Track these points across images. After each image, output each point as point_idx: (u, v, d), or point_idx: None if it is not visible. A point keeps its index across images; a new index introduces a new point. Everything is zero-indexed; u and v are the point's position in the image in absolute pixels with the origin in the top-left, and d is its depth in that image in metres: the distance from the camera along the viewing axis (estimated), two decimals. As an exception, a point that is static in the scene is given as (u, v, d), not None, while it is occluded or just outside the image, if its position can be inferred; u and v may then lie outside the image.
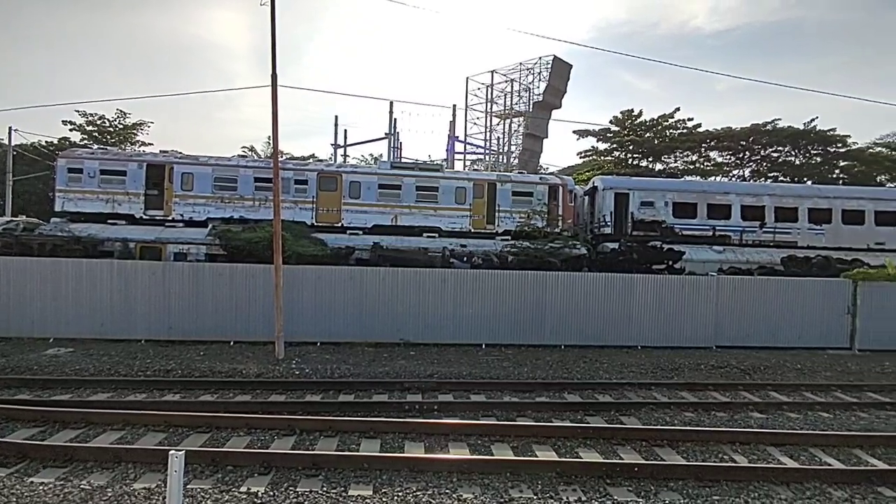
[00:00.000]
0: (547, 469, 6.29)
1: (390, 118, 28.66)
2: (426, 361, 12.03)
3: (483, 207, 18.37)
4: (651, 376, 11.35)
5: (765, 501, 5.71)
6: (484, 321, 13.86)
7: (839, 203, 19.70)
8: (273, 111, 12.23)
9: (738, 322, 14.44)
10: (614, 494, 5.79)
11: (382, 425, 7.62)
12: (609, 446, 7.27)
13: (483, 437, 7.40)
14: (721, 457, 7.03)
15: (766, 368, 12.28)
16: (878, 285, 14.91)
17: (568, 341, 13.97)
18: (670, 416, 8.70)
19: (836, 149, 34.34)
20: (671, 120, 36.51)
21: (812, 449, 7.35)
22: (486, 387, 10.18)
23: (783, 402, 9.61)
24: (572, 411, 8.79)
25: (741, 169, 36.31)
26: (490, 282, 13.99)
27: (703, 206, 19.16)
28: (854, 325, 14.68)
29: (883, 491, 6.07)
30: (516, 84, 33.91)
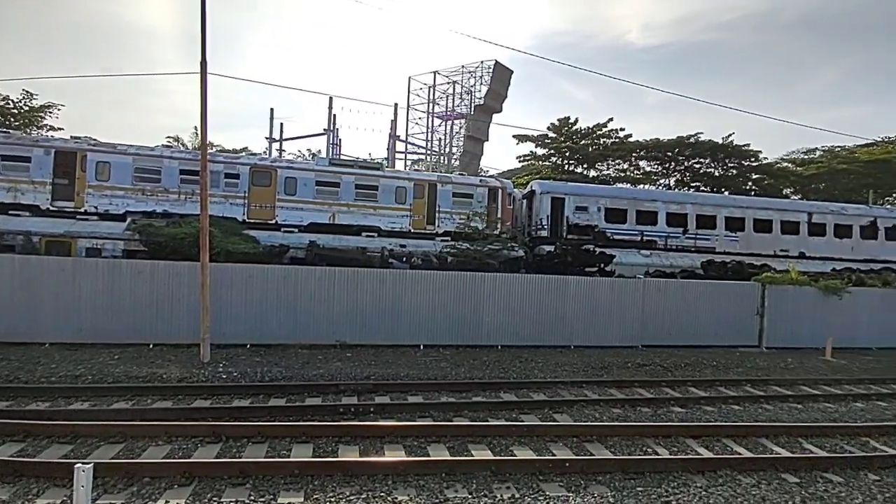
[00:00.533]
0: (482, 468, 6.33)
1: (329, 114, 28.03)
2: (363, 363, 11.80)
3: (423, 208, 18.33)
4: (582, 375, 11.76)
5: (683, 490, 6.03)
6: (423, 322, 13.80)
7: (751, 213, 21.44)
8: (202, 100, 11.54)
9: (661, 322, 15.26)
10: (546, 490, 5.92)
11: (315, 429, 7.37)
12: (542, 443, 7.42)
13: (419, 438, 7.34)
14: (645, 450, 7.39)
15: (686, 366, 13.08)
16: (783, 289, 16.32)
17: (505, 341, 14.19)
18: (600, 413, 9.04)
19: (749, 162, 37.33)
20: (605, 129, 38.17)
21: (725, 440, 7.88)
22: (424, 388, 10.12)
23: (701, 397, 10.26)
24: (508, 410, 8.92)
25: (667, 178, 38.61)
26: (429, 282, 13.95)
27: (633, 213, 20.19)
28: (762, 325, 15.96)
29: (786, 477, 6.60)
30: (458, 86, 34.23)
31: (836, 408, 10.13)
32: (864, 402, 10.69)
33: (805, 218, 21.94)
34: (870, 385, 12.15)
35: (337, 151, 29.17)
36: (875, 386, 12.10)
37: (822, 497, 6.01)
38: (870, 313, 16.93)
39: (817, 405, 10.27)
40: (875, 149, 38.54)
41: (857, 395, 11.06)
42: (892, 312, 17.20)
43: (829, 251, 21.73)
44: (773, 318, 15.93)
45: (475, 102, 34.03)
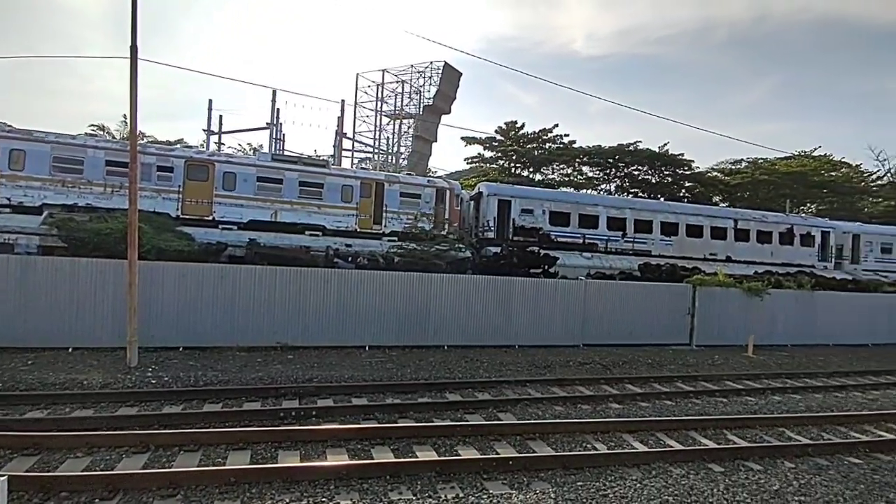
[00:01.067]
0: (427, 469, 6.30)
1: (273, 107, 27.06)
2: (305, 365, 11.46)
3: (370, 207, 18.06)
4: (526, 374, 11.98)
5: (619, 483, 6.25)
6: (368, 322, 13.59)
7: (684, 219, 22.68)
8: (132, 87, 10.80)
9: (602, 322, 15.84)
10: (490, 489, 5.97)
11: (253, 435, 7.08)
12: (487, 442, 7.49)
13: (363, 441, 7.22)
14: (585, 445, 7.61)
15: (624, 363, 13.63)
16: (711, 290, 17.37)
17: (451, 342, 14.23)
18: (542, 411, 9.23)
19: (683, 171, 39.57)
20: (550, 134, 39.30)
21: (658, 434, 8.26)
22: (369, 389, 9.96)
23: (637, 394, 10.71)
24: (453, 410, 8.94)
25: (608, 184, 40.23)
26: (375, 283, 13.76)
27: (576, 216, 20.83)
28: (692, 324, 16.92)
29: (712, 467, 7.00)
30: (407, 86, 34.01)
31: (756, 401, 10.87)
32: (781, 395, 11.55)
33: (732, 224, 23.48)
34: (785, 379, 13.14)
35: (280, 147, 28.22)
36: (790, 380, 13.10)
37: (744, 484, 6.41)
38: (786, 313, 18.36)
39: (740, 399, 10.98)
40: (792, 161, 41.96)
41: (775, 388, 11.95)
42: (804, 312, 18.74)
43: (752, 255, 23.36)
44: (702, 318, 16.92)
45: (424, 103, 33.92)
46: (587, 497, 5.82)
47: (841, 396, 11.69)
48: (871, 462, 7.50)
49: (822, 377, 13.61)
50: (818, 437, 8.63)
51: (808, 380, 13.22)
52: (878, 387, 12.88)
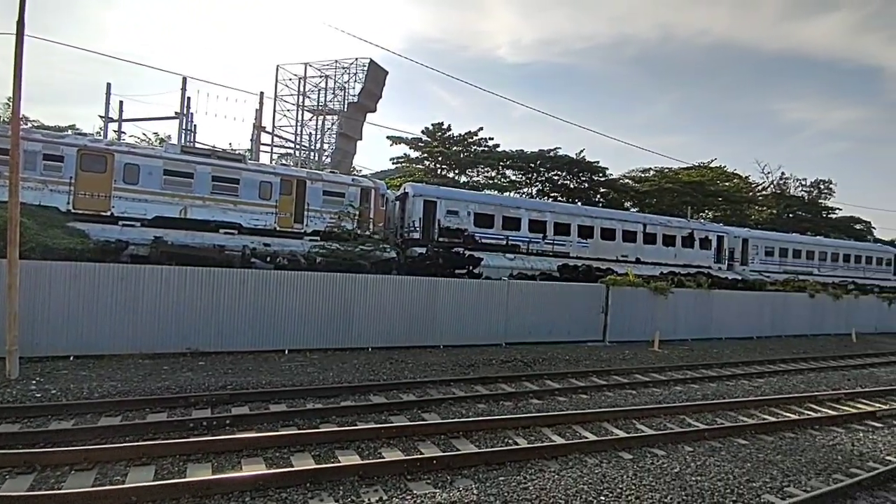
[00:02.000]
0: (349, 473, 6.15)
1: (183, 96, 25.16)
2: (218, 372, 10.77)
3: (291, 205, 17.35)
4: (451, 373, 12.07)
5: (539, 475, 6.46)
6: (288, 325, 13.03)
7: (599, 222, 24.05)
8: (16, 66, 9.61)
9: (523, 321, 16.33)
10: (414, 489, 5.94)
11: (159, 449, 6.53)
12: (411, 443, 7.45)
13: (282, 448, 6.92)
14: (507, 441, 7.79)
15: (544, 360, 14.14)
16: (623, 289, 18.50)
17: (375, 343, 14.02)
18: (466, 409, 9.33)
19: (598, 177, 41.95)
20: (475, 137, 40.10)
21: (574, 426, 8.65)
22: (288, 395, 9.54)
23: (555, 389, 11.16)
24: (377, 412, 8.80)
25: (530, 187, 41.72)
26: (296, 283, 13.23)
27: (500, 218, 21.38)
28: (606, 322, 17.93)
29: (623, 454, 7.44)
30: (331, 81, 33.04)
31: (661, 391, 11.72)
32: (682, 385, 12.54)
33: (641, 228, 25.26)
34: (686, 371, 14.30)
35: (191, 139, 26.34)
36: (690, 371, 14.27)
37: (650, 469, 6.87)
38: (686, 310, 19.99)
39: (647, 390, 11.78)
40: (693, 172, 45.99)
41: (677, 379, 12.96)
42: (702, 309, 20.51)
43: (658, 257, 25.28)
44: (615, 316, 17.98)
45: (349, 99, 33.13)
46: (509, 491, 5.95)
47: (732, 385, 12.91)
48: (756, 442, 8.34)
49: (717, 368, 14.98)
50: (713, 422, 9.45)
51: (705, 370, 14.48)
52: (762, 375, 14.39)
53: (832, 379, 14.25)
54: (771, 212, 49.02)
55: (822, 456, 7.84)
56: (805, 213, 50.35)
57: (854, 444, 8.56)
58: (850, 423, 9.85)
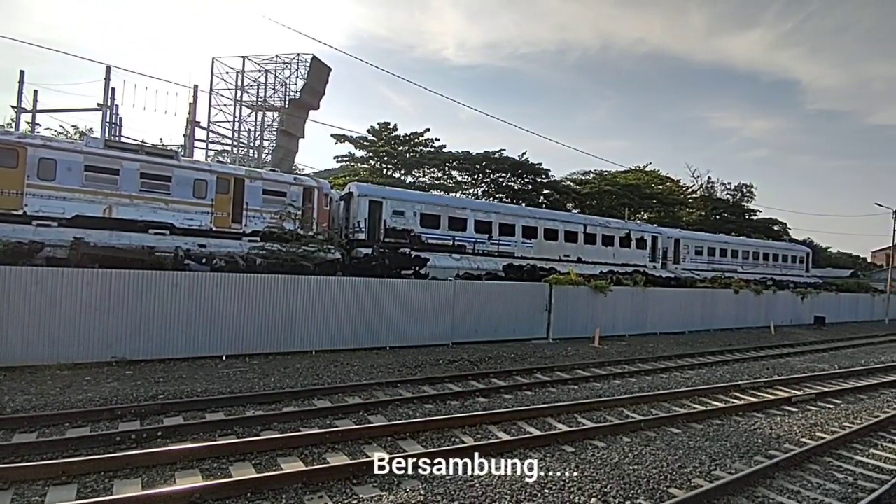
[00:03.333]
0: (293, 481, 5.95)
1: (106, 86, 23.46)
2: (149, 381, 10.12)
3: (228, 204, 16.55)
4: (398, 375, 11.96)
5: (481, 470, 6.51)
6: (225, 329, 12.44)
7: (543, 223, 24.67)
8: None
9: (469, 320, 16.45)
10: (360, 493, 5.84)
11: (80, 466, 6.05)
12: (357, 447, 7.32)
13: (220, 458, 6.59)
14: (453, 440, 7.81)
15: (490, 359, 14.31)
16: (565, 288, 19.05)
17: (320, 346, 13.66)
18: (413, 410, 9.27)
19: (541, 179, 43.09)
20: (422, 137, 40.12)
21: (519, 422, 8.79)
22: (226, 403, 9.10)
23: (501, 387, 11.30)
24: (322, 417, 8.58)
25: (476, 188, 42.25)
26: (234, 286, 12.65)
27: (446, 219, 21.46)
28: (550, 319, 18.40)
29: (565, 448, 7.64)
30: (271, 76, 31.90)
31: (601, 385, 12.16)
32: (620, 379, 13.06)
33: (582, 229, 26.16)
34: (624, 365, 14.90)
35: (116, 132, 24.62)
36: (627, 366, 14.89)
37: (591, 461, 7.09)
38: (624, 307, 20.88)
39: (588, 385, 12.19)
40: (629, 175, 48.24)
41: (616, 374, 13.49)
42: (638, 306, 21.48)
43: (598, 257, 26.27)
44: (558, 314, 18.48)
45: (290, 96, 32.11)
46: (455, 489, 5.96)
47: (666, 377, 13.60)
48: (687, 431, 8.81)
49: (652, 361, 15.73)
50: (649, 413, 9.90)
51: (642, 364, 15.17)
52: (693, 367, 15.26)
53: (754, 368, 15.32)
54: (700, 213, 52.25)
55: (745, 440, 8.39)
56: (730, 214, 54.05)
57: (772, 428, 9.23)
58: (769, 408, 10.62)
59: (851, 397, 12.00)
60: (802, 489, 6.64)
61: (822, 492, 6.59)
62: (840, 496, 6.46)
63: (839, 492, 6.61)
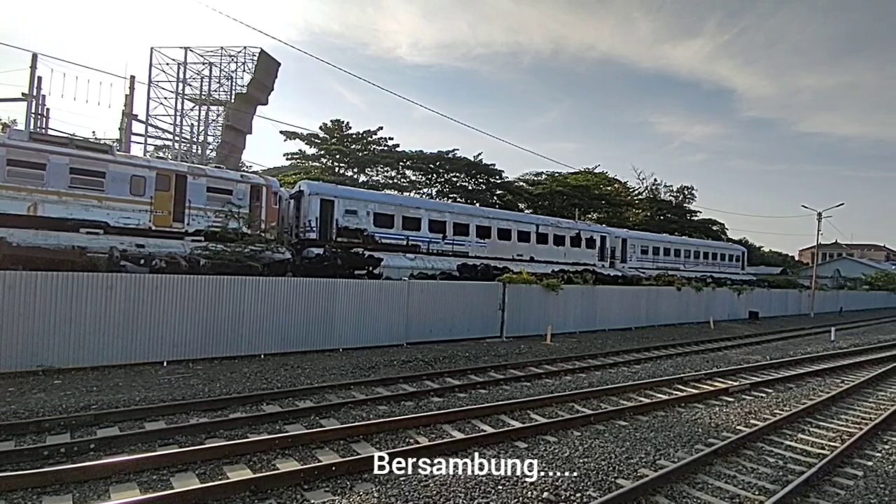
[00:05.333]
0: (240, 489, 5.74)
1: (32, 75, 21.74)
2: (80, 390, 9.47)
3: (169, 202, 15.70)
4: (351, 376, 11.75)
5: (436, 469, 6.50)
6: (166, 334, 11.82)
7: (496, 223, 24.94)
8: None
9: (424, 320, 16.40)
10: (311, 498, 5.72)
11: (3, 482, 5.61)
12: (309, 451, 7.14)
13: (160, 470, 6.26)
14: (408, 441, 7.74)
15: (444, 358, 14.32)
16: (518, 287, 19.35)
17: (269, 350, 13.22)
18: (366, 412, 9.13)
19: (494, 180, 43.62)
20: (375, 136, 39.68)
21: (474, 420, 8.84)
22: (167, 410, 8.65)
23: (455, 386, 11.33)
24: (271, 423, 8.31)
25: (430, 188, 42.25)
26: (176, 288, 12.03)
27: (400, 218, 21.30)
28: (503, 318, 18.63)
29: (518, 444, 7.74)
30: (216, 69, 30.54)
31: (553, 382, 12.41)
32: (571, 375, 13.38)
33: (534, 229, 26.65)
34: (575, 361, 15.29)
35: (43, 124, 22.91)
36: (578, 362, 15.29)
37: (542, 455, 7.21)
38: (575, 305, 21.45)
39: (541, 381, 12.42)
40: (579, 176, 49.61)
41: (567, 370, 13.81)
42: (588, 304, 22.13)
43: (550, 256, 26.85)
44: (511, 312, 18.75)
45: (236, 90, 30.87)
46: (409, 490, 5.90)
47: (614, 372, 14.06)
48: (634, 423, 9.13)
49: (601, 357, 16.23)
50: (598, 407, 10.19)
51: (591, 360, 15.62)
52: (639, 361, 15.86)
53: (695, 362, 16.10)
54: (645, 214, 54.47)
55: (687, 430, 8.79)
56: (673, 215, 56.68)
57: (712, 417, 9.72)
58: (708, 399, 11.18)
59: (781, 386, 12.82)
60: (738, 474, 7.01)
61: (756, 476, 6.98)
62: (772, 479, 6.87)
63: (771, 475, 7.02)
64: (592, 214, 48.90)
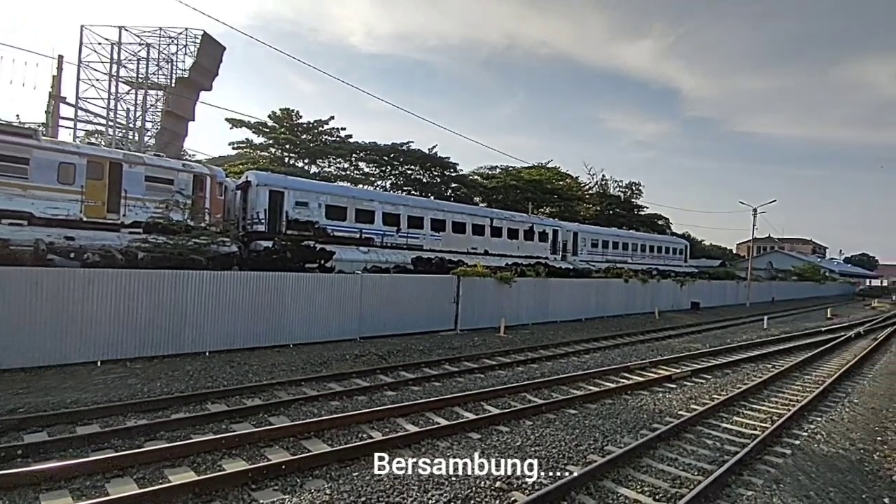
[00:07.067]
0: (182, 492, 5.52)
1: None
2: (6, 393, 8.77)
3: (102, 192, 14.68)
4: (301, 372, 11.48)
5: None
6: (101, 332, 11.10)
7: (451, 216, 24.96)
8: None
9: (378, 314, 16.20)
10: (259, 498, 5.57)
11: None
12: (257, 450, 6.92)
13: (94, 476, 5.92)
14: (361, 436, 7.64)
15: (399, 352, 14.23)
16: (472, 280, 19.47)
17: (214, 347, 12.69)
18: (318, 409, 8.95)
19: (449, 173, 43.63)
20: (326, 126, 38.70)
21: (428, 413, 8.83)
22: (102, 413, 8.15)
23: (409, 379, 11.28)
24: (217, 422, 8.00)
25: (384, 180, 41.76)
26: (111, 283, 11.29)
27: (353, 211, 20.92)
28: (457, 311, 18.70)
29: (472, 435, 7.80)
30: (154, 51, 28.76)
31: (506, 373, 12.59)
32: (524, 366, 13.62)
33: (489, 222, 26.88)
34: (527, 352, 15.58)
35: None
36: (530, 353, 15.59)
37: (496, 445, 7.31)
38: (527, 297, 21.82)
39: (494, 373, 12.56)
40: (533, 171, 50.45)
41: (520, 361, 14.05)
42: (541, 296, 22.57)
43: (503, 249, 27.18)
44: (465, 305, 18.85)
45: (177, 74, 29.21)
46: (363, 485, 5.83)
47: (565, 362, 14.43)
48: (583, 411, 9.41)
49: (553, 348, 16.62)
50: (549, 396, 10.43)
51: (543, 351, 15.97)
52: (589, 351, 16.35)
53: (641, 351, 16.77)
54: (595, 208, 56.12)
55: (633, 416, 9.14)
56: (621, 210, 58.70)
57: (656, 403, 10.16)
58: (653, 386, 11.68)
59: (719, 372, 13.57)
60: (679, 456, 7.36)
61: (696, 457, 7.36)
62: (709, 460, 7.25)
63: (709, 456, 7.42)
64: (545, 208, 49.88)
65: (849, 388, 12.18)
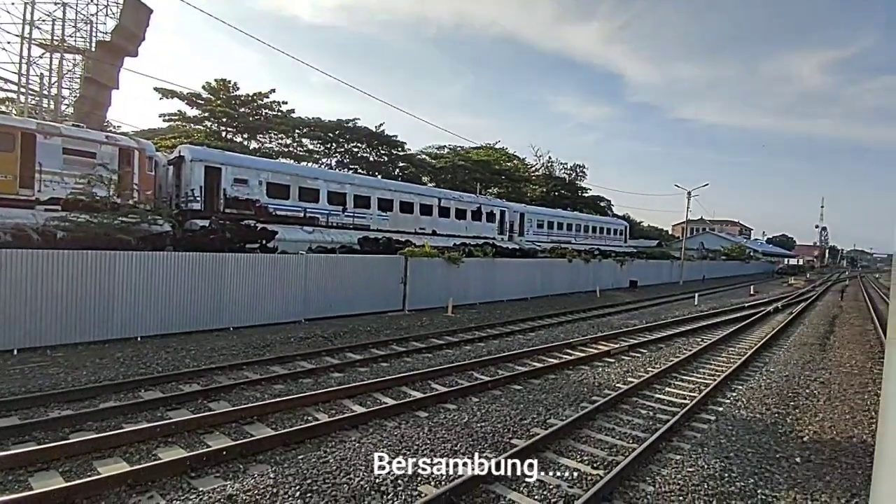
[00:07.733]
0: (114, 484, 5.25)
1: None
2: None
3: (13, 165, 13.38)
4: (243, 356, 11.09)
5: (339, 446, 6.43)
6: (16, 318, 10.22)
7: (398, 196, 24.69)
8: None
9: (323, 295, 15.87)
10: (199, 486, 5.38)
11: None
12: (196, 437, 6.66)
13: (15, 470, 5.55)
14: (306, 418, 7.52)
15: (345, 334, 14.05)
16: (420, 260, 19.44)
17: (147, 332, 12.02)
18: (261, 393, 8.71)
19: (397, 152, 43.00)
20: (267, 100, 36.88)
21: (375, 394, 8.81)
22: (21, 404, 7.55)
23: (356, 360, 11.17)
24: (151, 410, 7.62)
25: (329, 158, 40.57)
26: (25, 265, 10.36)
27: (296, 189, 20.25)
28: (405, 291, 18.65)
29: (419, 414, 7.86)
30: (71, 11, 26.21)
31: (453, 352, 12.73)
32: (471, 345, 13.81)
33: (437, 202, 26.83)
34: (475, 332, 15.79)
35: None
36: (478, 332, 15.81)
37: (443, 423, 7.41)
38: (475, 277, 22.07)
39: (441, 352, 12.67)
40: (481, 151, 50.62)
41: (467, 340, 14.24)
42: (488, 275, 22.88)
43: (452, 230, 27.28)
44: (413, 285, 18.82)
45: (98, 37, 26.78)
46: (308, 467, 5.75)
47: (511, 340, 14.76)
48: (527, 386, 9.70)
49: (499, 326, 16.95)
50: (495, 374, 10.66)
51: (490, 329, 16.25)
52: (534, 329, 16.82)
53: (583, 328, 17.44)
54: (542, 190, 57.24)
55: (574, 390, 9.53)
56: (566, 191, 60.20)
57: (596, 377, 10.62)
58: (593, 361, 12.19)
59: (654, 347, 14.35)
60: (616, 426, 7.76)
61: (631, 427, 7.78)
62: (643, 428, 7.69)
63: (643, 425, 7.87)
64: (493, 189, 50.37)
65: (766, 359, 13.24)
